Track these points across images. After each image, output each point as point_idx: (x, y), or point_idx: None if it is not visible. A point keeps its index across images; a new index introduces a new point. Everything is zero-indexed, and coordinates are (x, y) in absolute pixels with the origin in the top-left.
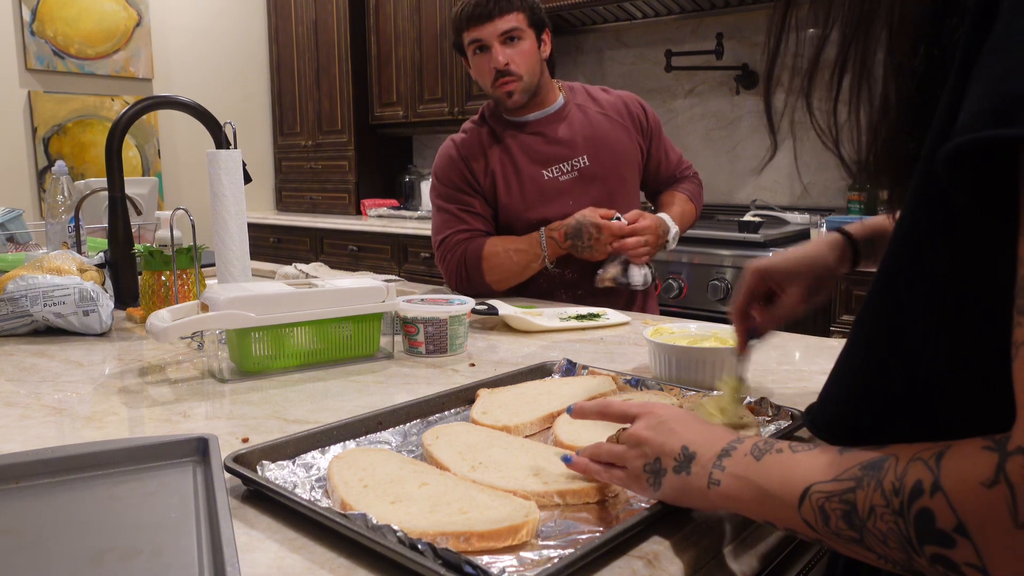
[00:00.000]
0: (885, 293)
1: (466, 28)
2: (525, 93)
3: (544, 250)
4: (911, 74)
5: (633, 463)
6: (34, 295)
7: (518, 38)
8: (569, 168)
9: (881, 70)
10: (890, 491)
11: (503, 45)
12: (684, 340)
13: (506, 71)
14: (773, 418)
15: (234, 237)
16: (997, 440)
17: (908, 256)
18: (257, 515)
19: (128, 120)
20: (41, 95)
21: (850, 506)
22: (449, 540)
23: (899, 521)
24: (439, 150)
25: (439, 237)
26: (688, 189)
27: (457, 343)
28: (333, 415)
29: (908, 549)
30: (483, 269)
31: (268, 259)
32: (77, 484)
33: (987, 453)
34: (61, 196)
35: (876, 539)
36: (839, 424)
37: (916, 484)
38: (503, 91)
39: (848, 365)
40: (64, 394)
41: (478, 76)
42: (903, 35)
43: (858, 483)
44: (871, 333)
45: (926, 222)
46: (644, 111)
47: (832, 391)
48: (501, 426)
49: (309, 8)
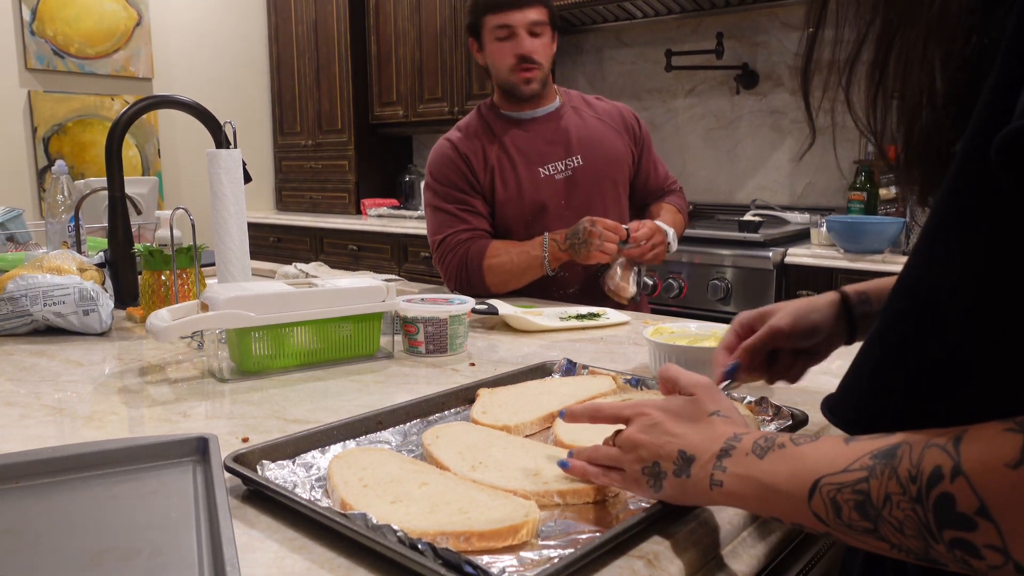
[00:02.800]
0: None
1: (493, 12)
2: (541, 83)
3: (546, 253)
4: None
5: (631, 467)
6: (34, 295)
7: (541, 32)
8: (564, 167)
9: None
10: (906, 478)
11: (529, 35)
12: (684, 340)
13: (530, 58)
14: (773, 417)
15: (234, 237)
16: (1019, 421)
17: (940, 248)
18: (257, 515)
19: (128, 120)
20: (41, 95)
21: (864, 496)
22: (449, 540)
23: (917, 508)
24: (433, 150)
25: (438, 237)
26: (675, 202)
27: (457, 343)
28: (333, 415)
29: (926, 536)
30: (484, 270)
31: (268, 259)
32: (77, 484)
33: (1010, 435)
34: (61, 196)
35: (891, 528)
36: (860, 413)
37: (935, 470)
38: (523, 76)
39: (874, 355)
40: (64, 394)
41: (496, 60)
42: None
43: (871, 472)
44: (900, 323)
45: (962, 213)
46: (637, 122)
47: (853, 380)
48: (501, 426)
49: (309, 8)
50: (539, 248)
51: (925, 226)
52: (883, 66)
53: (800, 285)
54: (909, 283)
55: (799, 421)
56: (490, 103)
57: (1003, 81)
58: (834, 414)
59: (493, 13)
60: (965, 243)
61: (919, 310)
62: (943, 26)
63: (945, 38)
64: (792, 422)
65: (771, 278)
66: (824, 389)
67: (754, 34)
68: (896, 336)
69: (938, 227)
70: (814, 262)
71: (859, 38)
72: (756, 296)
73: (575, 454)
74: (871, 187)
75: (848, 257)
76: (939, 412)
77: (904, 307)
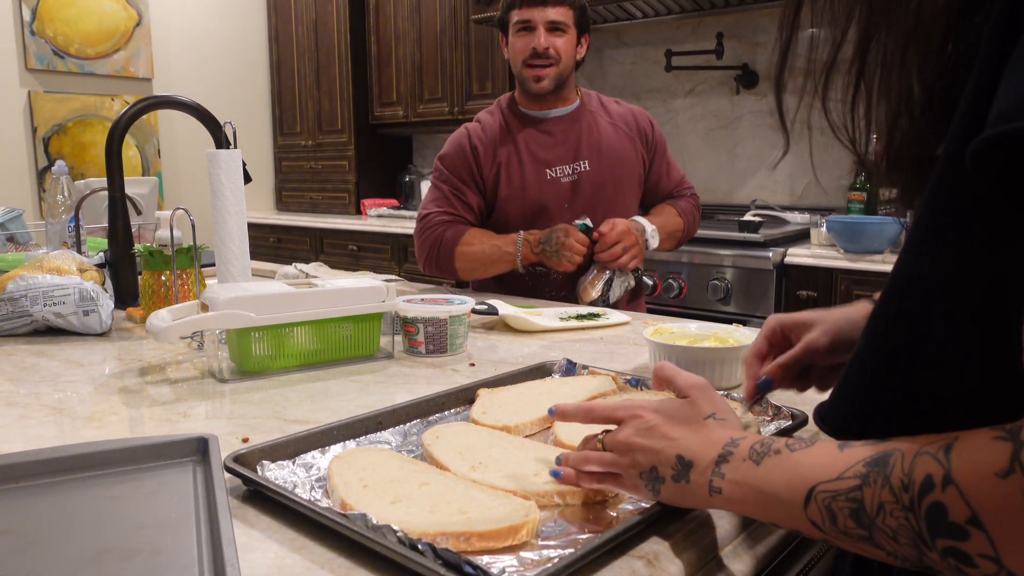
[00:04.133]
0: (901, 291)
1: (517, 7)
2: (555, 81)
3: (519, 250)
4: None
5: (628, 472)
6: (34, 295)
7: (563, 31)
8: (571, 171)
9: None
10: (899, 487)
11: (548, 32)
12: (684, 340)
13: (544, 54)
14: (774, 418)
15: (234, 237)
16: (1009, 430)
17: (925, 254)
18: (257, 515)
19: (128, 120)
20: (41, 95)
21: (858, 504)
22: (449, 540)
23: (910, 516)
24: (453, 134)
25: (424, 212)
26: (679, 204)
27: (457, 343)
28: (333, 415)
29: (919, 544)
30: (456, 255)
31: (268, 259)
32: (77, 484)
33: (1000, 443)
34: (61, 196)
35: (886, 536)
36: (851, 421)
37: (926, 479)
38: (533, 73)
39: (864, 363)
40: (64, 394)
41: (513, 54)
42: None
43: (864, 480)
44: (886, 331)
45: (945, 219)
46: (652, 127)
47: (845, 389)
48: (501, 426)
49: (309, 8)
50: (512, 245)
51: (910, 231)
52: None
53: (800, 285)
54: (895, 289)
55: (799, 422)
56: (510, 98)
57: (982, 85)
58: (826, 423)
59: (517, 8)
60: (949, 248)
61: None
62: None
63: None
64: (793, 422)
65: (771, 278)
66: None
67: (754, 34)
68: (884, 343)
69: (922, 231)
70: (814, 262)
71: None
72: (756, 296)
73: (564, 460)
74: (871, 187)
75: (848, 257)
76: (930, 419)
77: (891, 313)
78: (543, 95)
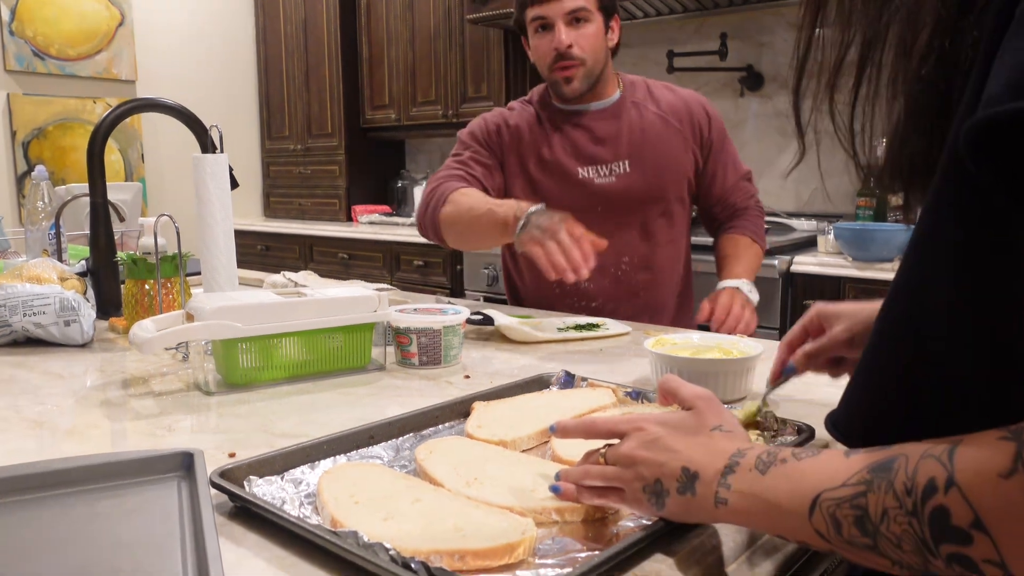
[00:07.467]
0: (907, 294)
1: (530, 4)
2: (586, 80)
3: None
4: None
5: (631, 485)
6: (13, 304)
7: (584, 20)
8: (607, 171)
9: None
10: (902, 491)
11: (568, 26)
12: (687, 351)
13: (568, 54)
14: (778, 432)
15: (220, 245)
16: (1013, 430)
17: (929, 254)
18: (244, 532)
19: (111, 123)
20: (20, 97)
21: (862, 511)
22: (443, 558)
23: (913, 522)
24: (488, 113)
25: (434, 176)
26: (749, 228)
27: (451, 354)
28: (323, 429)
29: (924, 551)
30: (446, 200)
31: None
32: (57, 500)
33: (1004, 443)
34: (41, 202)
35: (890, 544)
36: (862, 427)
37: (929, 482)
38: (562, 76)
39: (871, 368)
40: (44, 407)
41: (537, 58)
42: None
43: (868, 486)
44: (893, 334)
45: (948, 218)
46: (708, 118)
47: (855, 395)
48: (497, 440)
49: (298, 7)
50: (505, 208)
51: (912, 235)
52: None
53: (807, 295)
54: (899, 292)
55: (805, 436)
56: (544, 89)
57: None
58: (837, 429)
59: (531, 5)
60: (951, 250)
61: (909, 319)
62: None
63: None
64: (798, 436)
65: (777, 287)
66: (831, 402)
67: (759, 34)
68: (890, 347)
69: (925, 235)
70: (821, 271)
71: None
72: (761, 306)
73: (563, 476)
74: (883, 191)
75: (856, 265)
76: (938, 422)
77: (895, 317)
78: (576, 97)
